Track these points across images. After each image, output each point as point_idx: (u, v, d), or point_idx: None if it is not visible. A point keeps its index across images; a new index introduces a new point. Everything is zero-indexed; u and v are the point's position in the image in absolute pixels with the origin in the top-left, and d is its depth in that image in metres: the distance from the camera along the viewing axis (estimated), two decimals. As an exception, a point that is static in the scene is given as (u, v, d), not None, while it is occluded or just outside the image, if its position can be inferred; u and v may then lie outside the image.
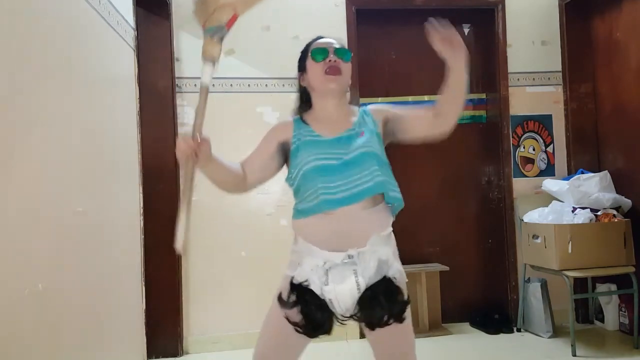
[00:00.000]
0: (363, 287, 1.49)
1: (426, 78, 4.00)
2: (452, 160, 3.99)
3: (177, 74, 3.47)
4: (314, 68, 1.68)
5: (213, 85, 3.47)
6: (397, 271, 1.56)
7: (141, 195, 2.91)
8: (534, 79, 3.91)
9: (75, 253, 1.99)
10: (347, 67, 1.70)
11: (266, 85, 3.62)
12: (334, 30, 3.50)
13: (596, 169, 3.69)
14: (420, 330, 3.62)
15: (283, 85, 3.57)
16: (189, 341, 3.46)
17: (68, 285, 1.90)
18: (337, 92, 1.70)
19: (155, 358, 3.27)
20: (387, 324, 1.49)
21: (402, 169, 3.94)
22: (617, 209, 3.37)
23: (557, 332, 3.49)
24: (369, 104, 1.71)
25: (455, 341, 3.52)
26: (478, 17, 3.96)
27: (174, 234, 1.45)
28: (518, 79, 3.88)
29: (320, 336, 1.53)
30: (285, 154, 1.70)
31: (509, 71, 3.85)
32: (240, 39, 3.50)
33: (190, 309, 3.47)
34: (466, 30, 4.02)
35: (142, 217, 2.91)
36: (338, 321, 1.53)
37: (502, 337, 3.57)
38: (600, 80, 3.80)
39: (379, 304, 1.48)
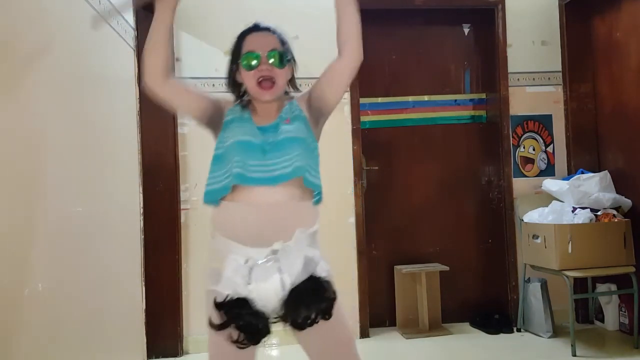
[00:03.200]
0: (288, 286, 1.43)
1: (426, 78, 4.01)
2: (452, 160, 3.99)
3: (177, 74, 3.47)
4: (246, 75, 1.60)
5: (213, 84, 3.44)
6: (324, 270, 1.51)
7: (141, 195, 2.91)
8: (534, 79, 3.91)
9: (75, 253, 1.99)
10: (282, 74, 1.61)
11: (266, 85, 3.61)
12: (334, 30, 3.49)
13: (596, 169, 3.69)
14: (420, 330, 3.62)
15: (283, 85, 3.57)
16: (189, 341, 3.46)
17: (68, 285, 1.90)
18: (272, 101, 1.63)
19: (155, 358, 3.27)
20: (314, 322, 1.41)
21: (403, 169, 3.97)
22: (617, 209, 3.37)
23: (557, 332, 3.49)
24: (369, 103, 1.68)
25: (455, 341, 3.52)
26: (478, 17, 3.96)
27: (174, 234, 1.45)
28: (518, 79, 3.88)
29: (263, 340, 1.44)
30: (215, 118, 1.63)
31: (509, 71, 3.84)
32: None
33: (190, 309, 3.47)
34: (466, 30, 4.02)
35: (142, 217, 2.91)
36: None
37: (502, 337, 3.57)
38: (600, 80, 3.80)
39: (304, 303, 1.40)
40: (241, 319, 1.40)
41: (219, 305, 1.43)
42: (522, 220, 3.60)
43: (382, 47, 3.95)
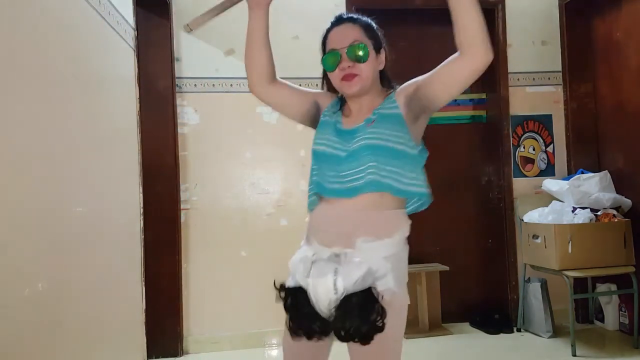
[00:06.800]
0: (341, 290, 1.38)
1: (426, 78, 4.01)
2: (452, 160, 3.99)
3: (177, 74, 3.47)
4: (329, 74, 1.61)
5: (213, 85, 3.45)
6: (388, 289, 1.41)
7: (141, 195, 2.91)
8: (534, 79, 3.91)
9: (75, 253, 1.99)
10: (366, 67, 1.57)
11: (266, 85, 3.61)
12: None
13: (596, 169, 3.69)
14: (420, 330, 3.62)
15: (283, 85, 3.56)
16: (189, 341, 3.46)
17: (68, 285, 1.90)
18: (359, 93, 1.59)
19: (155, 358, 3.27)
20: (351, 339, 1.37)
21: (402, 169, 3.96)
22: (617, 209, 3.37)
23: (557, 332, 3.49)
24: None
25: (455, 341, 3.52)
26: (478, 17, 3.95)
27: (174, 234, 1.45)
28: (518, 79, 3.88)
29: (320, 336, 1.44)
30: (315, 118, 1.67)
31: (509, 71, 3.85)
32: (241, 39, 3.47)
33: (190, 309, 3.47)
34: (466, 30, 4.01)
35: (142, 217, 2.91)
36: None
37: (502, 337, 3.57)
38: (600, 80, 3.80)
39: (350, 315, 1.36)
40: (295, 310, 1.46)
41: (282, 288, 1.50)
42: (522, 220, 3.60)
43: (382, 47, 3.95)
